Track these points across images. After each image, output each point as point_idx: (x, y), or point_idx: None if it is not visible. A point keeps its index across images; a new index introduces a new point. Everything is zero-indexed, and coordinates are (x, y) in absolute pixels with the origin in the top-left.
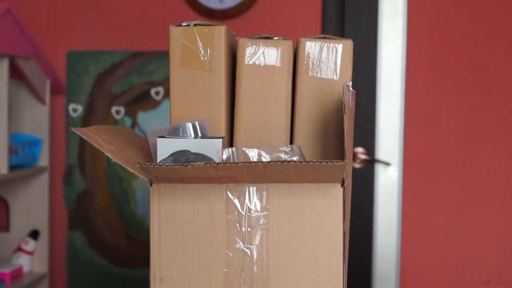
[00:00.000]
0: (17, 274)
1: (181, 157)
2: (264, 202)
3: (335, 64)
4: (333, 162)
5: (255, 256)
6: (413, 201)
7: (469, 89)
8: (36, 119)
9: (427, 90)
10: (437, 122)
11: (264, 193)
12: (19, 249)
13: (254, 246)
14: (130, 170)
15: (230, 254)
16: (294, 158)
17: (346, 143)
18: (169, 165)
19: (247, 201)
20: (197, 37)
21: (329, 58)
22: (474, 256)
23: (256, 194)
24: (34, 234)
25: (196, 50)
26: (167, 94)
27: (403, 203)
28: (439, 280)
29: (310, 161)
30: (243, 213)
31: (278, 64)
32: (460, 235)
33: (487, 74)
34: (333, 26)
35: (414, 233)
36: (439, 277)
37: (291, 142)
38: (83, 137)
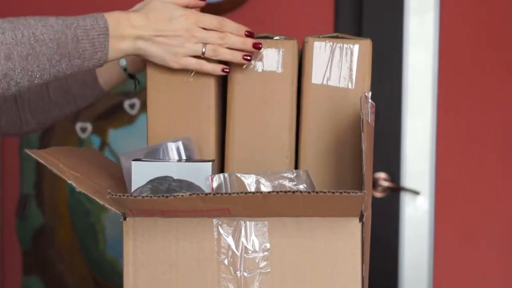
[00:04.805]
0: None
1: (161, 184)
2: (264, 241)
3: (350, 69)
4: (349, 192)
5: None
6: (448, 239)
7: None
8: None
9: (464, 103)
10: (477, 142)
11: (265, 229)
12: None
13: None
14: (99, 201)
15: None
16: (301, 187)
17: (364, 168)
18: (147, 196)
19: (243, 239)
20: None
21: (342, 62)
22: None
23: (255, 230)
24: None
25: None
26: (144, 107)
27: (435, 241)
28: None
29: (321, 191)
30: (239, 254)
31: (280, 70)
32: (504, 279)
33: None
34: (348, 24)
35: (449, 278)
36: None
37: (297, 167)
38: (41, 161)
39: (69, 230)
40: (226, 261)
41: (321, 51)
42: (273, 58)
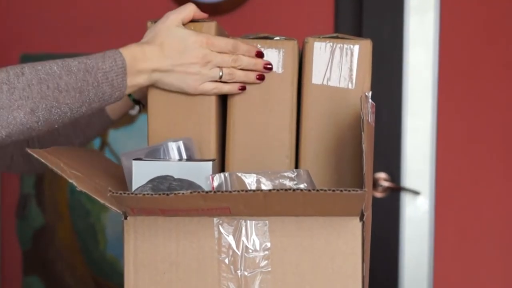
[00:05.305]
0: None
1: (162, 184)
2: (265, 240)
3: (350, 70)
4: (349, 190)
5: None
6: (448, 239)
7: None
8: None
9: (464, 103)
10: (477, 142)
11: (265, 228)
12: None
13: None
14: (99, 200)
15: None
16: (301, 186)
17: (364, 168)
18: (148, 194)
19: (243, 238)
20: None
21: (342, 62)
22: None
23: (255, 230)
24: None
25: None
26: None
27: (435, 241)
28: None
29: (321, 190)
30: (239, 253)
31: (280, 70)
32: (504, 279)
33: None
34: (348, 24)
35: (449, 278)
36: None
37: (297, 166)
38: (42, 160)
39: (69, 230)
40: (226, 260)
41: (321, 51)
42: (273, 58)
